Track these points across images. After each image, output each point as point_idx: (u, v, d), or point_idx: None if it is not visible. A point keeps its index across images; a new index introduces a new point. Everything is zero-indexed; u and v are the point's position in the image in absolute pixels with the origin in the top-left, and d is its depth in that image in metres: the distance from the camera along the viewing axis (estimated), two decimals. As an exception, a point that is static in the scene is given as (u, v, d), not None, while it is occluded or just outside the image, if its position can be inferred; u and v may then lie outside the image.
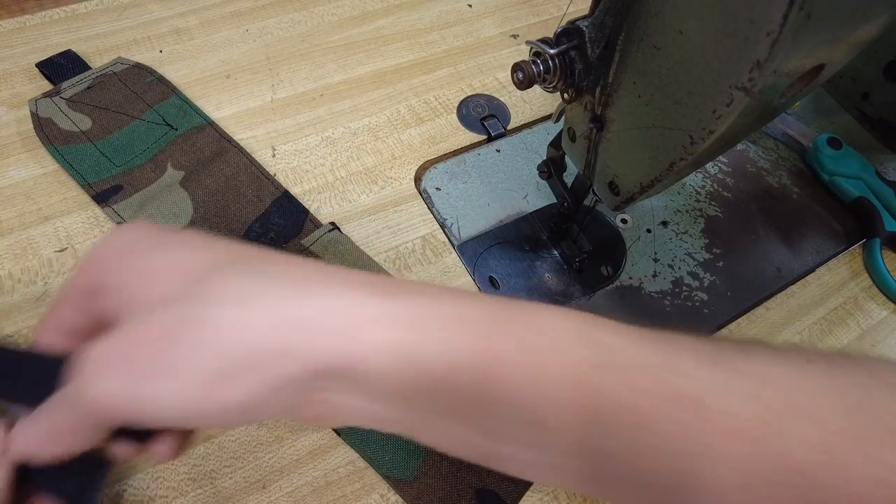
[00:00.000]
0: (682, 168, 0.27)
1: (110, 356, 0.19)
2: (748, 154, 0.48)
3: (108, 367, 0.19)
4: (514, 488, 0.31)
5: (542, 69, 0.28)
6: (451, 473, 0.31)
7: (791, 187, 0.46)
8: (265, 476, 0.31)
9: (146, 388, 0.18)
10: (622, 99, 0.28)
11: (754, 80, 0.21)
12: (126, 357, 0.19)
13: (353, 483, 0.32)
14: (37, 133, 0.40)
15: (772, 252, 0.43)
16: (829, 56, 0.23)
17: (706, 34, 0.22)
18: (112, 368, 0.19)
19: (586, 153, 0.32)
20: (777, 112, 0.27)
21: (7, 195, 0.39)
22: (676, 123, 0.26)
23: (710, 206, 0.44)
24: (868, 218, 0.44)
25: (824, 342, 0.40)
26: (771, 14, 0.19)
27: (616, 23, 0.25)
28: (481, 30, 0.54)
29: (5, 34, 0.47)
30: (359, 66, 0.50)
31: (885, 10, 0.22)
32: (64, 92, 0.42)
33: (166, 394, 0.18)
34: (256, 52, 0.49)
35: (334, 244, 0.38)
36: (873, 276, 0.43)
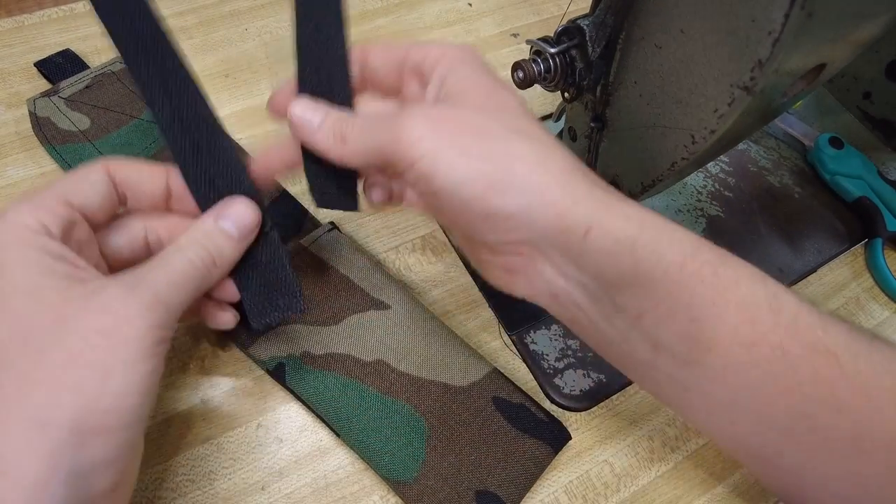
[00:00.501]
0: (683, 167, 0.27)
1: (439, 118, 0.23)
2: (749, 153, 0.48)
3: (431, 122, 0.23)
4: (514, 490, 0.31)
5: (542, 68, 0.28)
6: (451, 475, 0.31)
7: (793, 187, 0.46)
8: (264, 477, 0.31)
9: (447, 156, 0.22)
10: (623, 98, 0.28)
11: (756, 79, 0.21)
12: (448, 124, 0.23)
13: (352, 484, 0.32)
14: (35, 133, 0.40)
15: (773, 252, 0.42)
16: (830, 55, 0.23)
17: (708, 33, 0.22)
18: (434, 125, 0.23)
19: (587, 152, 0.32)
20: (778, 111, 0.27)
21: (5, 195, 0.39)
22: (678, 123, 0.25)
23: (712, 206, 0.44)
24: (870, 218, 0.44)
25: (826, 342, 0.40)
26: (772, 13, 0.19)
27: (617, 21, 0.25)
28: (481, 29, 0.54)
29: (4, 33, 0.47)
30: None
31: (886, 10, 0.22)
32: (62, 91, 0.42)
33: (458, 172, 0.22)
34: (256, 51, 0.49)
35: (334, 244, 0.38)
36: (875, 276, 0.43)
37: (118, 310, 0.22)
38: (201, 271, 0.26)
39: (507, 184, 0.22)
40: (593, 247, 0.22)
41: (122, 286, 0.23)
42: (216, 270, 0.26)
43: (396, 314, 0.35)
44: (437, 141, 0.22)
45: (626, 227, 0.22)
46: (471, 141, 0.22)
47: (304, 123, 0.26)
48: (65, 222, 0.24)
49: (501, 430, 0.32)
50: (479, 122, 0.23)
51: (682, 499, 0.33)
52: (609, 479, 0.33)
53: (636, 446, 0.35)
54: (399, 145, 0.23)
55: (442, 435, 0.32)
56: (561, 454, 0.34)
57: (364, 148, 0.25)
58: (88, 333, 0.22)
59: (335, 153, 0.26)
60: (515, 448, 0.32)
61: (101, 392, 0.21)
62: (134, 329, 0.22)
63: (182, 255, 0.25)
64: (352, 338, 0.34)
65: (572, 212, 0.22)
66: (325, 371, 0.33)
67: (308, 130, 0.26)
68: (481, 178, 0.22)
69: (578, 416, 0.35)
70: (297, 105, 0.27)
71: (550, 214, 0.22)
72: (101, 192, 0.26)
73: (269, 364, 0.33)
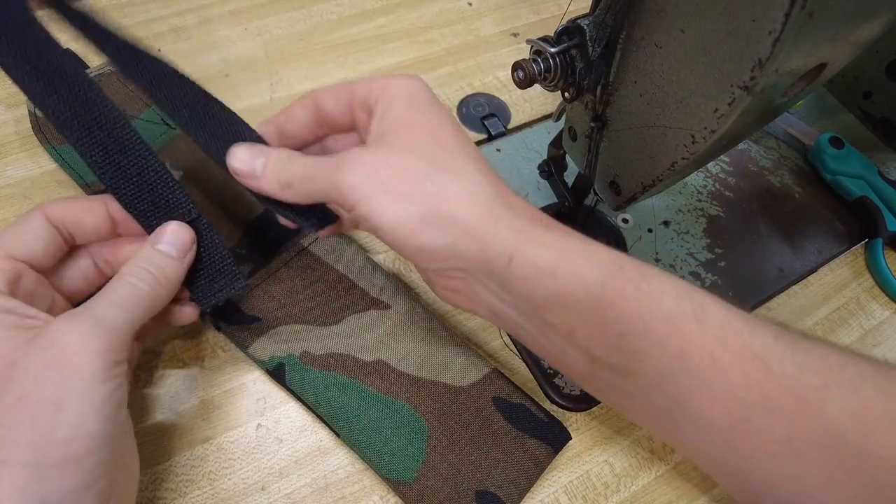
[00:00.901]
0: (683, 167, 0.27)
1: (374, 164, 0.25)
2: (750, 153, 0.48)
3: (367, 169, 0.25)
4: (514, 490, 0.31)
5: (542, 68, 0.28)
6: (450, 475, 0.31)
7: (793, 187, 0.46)
8: (264, 477, 0.31)
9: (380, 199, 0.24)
10: (623, 98, 0.28)
11: (756, 78, 0.21)
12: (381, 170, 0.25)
13: (352, 485, 0.32)
14: (35, 132, 0.40)
15: (774, 252, 0.42)
16: (830, 55, 0.23)
17: (708, 33, 0.22)
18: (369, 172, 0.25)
19: (587, 152, 0.32)
20: (779, 111, 0.27)
21: (5, 195, 0.39)
22: (678, 122, 0.25)
23: (712, 206, 0.44)
24: (870, 218, 0.44)
25: (826, 342, 0.40)
26: (773, 13, 0.19)
27: (617, 21, 0.25)
28: (481, 28, 0.54)
29: (3, 33, 0.46)
30: (358, 64, 0.49)
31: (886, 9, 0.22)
32: (62, 91, 0.42)
33: (389, 214, 0.24)
34: (255, 50, 0.49)
35: (334, 244, 0.37)
36: (875, 277, 0.43)
37: (62, 343, 0.23)
38: (147, 292, 0.27)
39: (432, 222, 0.24)
40: (517, 273, 0.24)
41: (64, 320, 0.24)
42: (162, 289, 0.27)
43: (396, 314, 0.35)
44: (371, 187, 0.24)
45: (545, 253, 0.24)
46: (400, 184, 0.24)
47: (248, 172, 0.28)
48: (10, 276, 0.26)
49: (501, 430, 0.32)
50: (408, 164, 0.25)
51: (681, 499, 0.33)
52: (609, 479, 0.33)
53: (636, 446, 0.35)
54: (339, 192, 0.25)
55: (442, 435, 0.32)
56: (561, 454, 0.34)
57: (309, 192, 0.27)
58: (37, 371, 0.22)
59: (283, 197, 0.28)
60: (515, 448, 0.32)
61: (54, 424, 0.22)
62: (81, 357, 0.23)
63: (124, 279, 0.27)
64: (352, 337, 0.34)
65: (494, 243, 0.24)
66: (325, 371, 0.33)
67: (253, 178, 0.28)
68: (410, 219, 0.24)
69: (578, 416, 0.35)
70: (236, 156, 0.28)
71: (474, 248, 0.24)
72: (43, 239, 0.27)
73: (269, 364, 0.33)
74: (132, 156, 0.29)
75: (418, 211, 0.24)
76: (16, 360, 0.23)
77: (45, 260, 0.28)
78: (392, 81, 0.27)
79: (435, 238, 0.24)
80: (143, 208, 0.29)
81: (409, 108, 0.27)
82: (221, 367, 0.34)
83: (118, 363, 0.24)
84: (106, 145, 0.28)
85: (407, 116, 0.26)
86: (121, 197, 0.29)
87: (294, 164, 0.27)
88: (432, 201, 0.24)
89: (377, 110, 0.27)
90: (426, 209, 0.24)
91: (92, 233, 0.29)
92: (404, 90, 0.27)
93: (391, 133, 0.26)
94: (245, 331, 0.34)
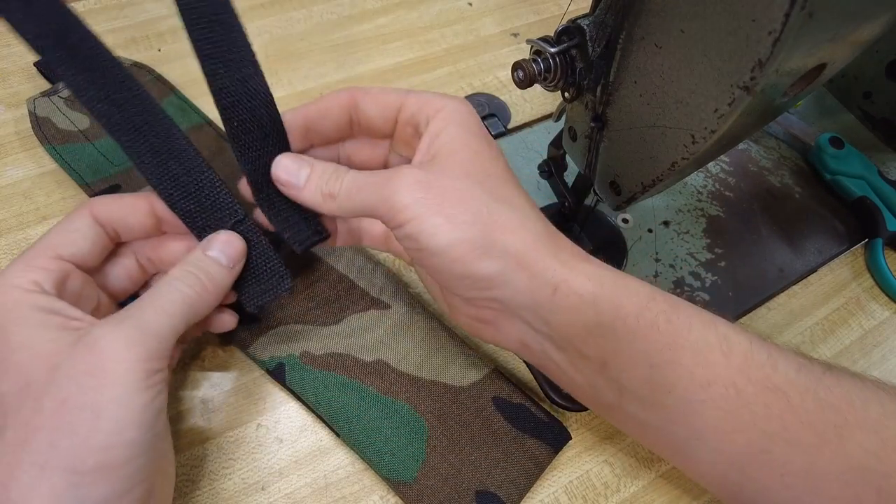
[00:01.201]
0: (683, 167, 0.27)
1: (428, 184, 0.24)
2: (750, 153, 0.48)
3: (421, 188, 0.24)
4: (514, 490, 0.31)
5: (542, 68, 0.28)
6: (450, 475, 0.31)
7: (793, 187, 0.46)
8: (264, 477, 0.31)
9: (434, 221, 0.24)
10: (623, 98, 0.28)
11: (756, 79, 0.21)
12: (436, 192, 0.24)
13: (352, 485, 0.32)
14: (35, 132, 0.40)
15: (774, 252, 0.42)
16: (830, 55, 0.23)
17: (708, 33, 0.22)
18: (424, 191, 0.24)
19: (587, 152, 0.32)
20: (779, 111, 0.27)
21: (5, 195, 0.39)
22: (678, 122, 0.25)
23: (712, 206, 0.44)
24: (870, 218, 0.44)
25: (826, 342, 0.40)
26: (773, 13, 0.19)
27: (617, 21, 0.25)
28: (481, 28, 0.54)
29: (3, 33, 0.46)
30: (358, 64, 0.49)
31: (886, 9, 0.22)
32: (62, 91, 0.42)
33: (442, 237, 0.24)
34: (255, 50, 0.49)
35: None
36: (875, 277, 0.43)
37: (103, 348, 0.23)
38: (193, 298, 0.26)
39: (485, 249, 0.24)
40: (560, 304, 0.24)
41: (107, 324, 0.24)
42: (209, 296, 0.27)
43: (396, 314, 0.35)
44: (425, 207, 0.24)
45: (587, 284, 0.24)
46: (456, 208, 0.24)
47: (291, 183, 0.28)
48: (57, 276, 0.26)
49: (501, 430, 0.32)
50: (464, 189, 0.25)
51: (681, 499, 0.33)
52: (609, 479, 0.33)
53: (636, 446, 0.35)
54: (389, 209, 0.25)
55: (442, 435, 0.32)
56: (561, 454, 0.34)
57: (353, 206, 0.26)
58: (78, 375, 0.23)
59: (323, 209, 0.27)
60: (515, 448, 0.32)
61: (93, 431, 0.22)
62: (121, 364, 0.23)
63: (170, 284, 0.26)
64: (352, 337, 0.34)
65: (542, 274, 0.24)
66: (325, 371, 0.33)
67: (295, 189, 0.28)
68: (462, 244, 0.24)
69: (578, 416, 0.35)
70: (280, 164, 0.28)
71: (522, 278, 0.24)
72: (89, 237, 0.27)
73: (269, 364, 0.33)
74: (181, 159, 0.28)
75: (472, 237, 0.24)
76: (59, 363, 0.23)
77: (92, 259, 0.28)
78: (447, 103, 0.27)
79: (486, 266, 0.24)
80: (189, 209, 0.29)
81: (464, 133, 0.26)
82: (221, 367, 0.34)
83: (159, 370, 0.24)
84: (155, 147, 0.28)
85: (461, 141, 0.26)
86: (168, 199, 0.29)
87: (340, 176, 0.27)
88: (487, 229, 0.24)
89: (430, 130, 0.27)
90: (480, 236, 0.24)
91: (137, 230, 0.29)
92: (459, 115, 0.27)
93: (445, 156, 0.26)
94: (245, 331, 0.34)
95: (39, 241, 0.27)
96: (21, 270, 0.25)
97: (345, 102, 0.29)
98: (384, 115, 0.29)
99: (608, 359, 0.25)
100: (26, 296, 0.24)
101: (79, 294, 0.27)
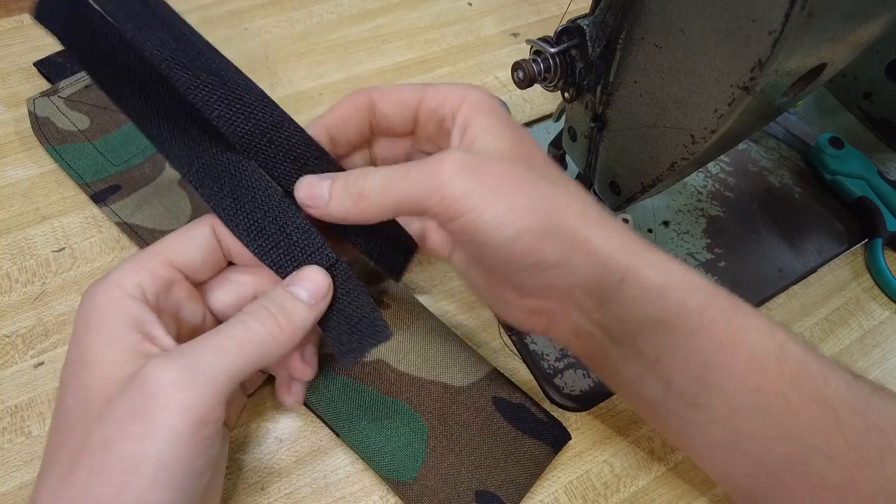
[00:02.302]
0: (683, 167, 0.27)
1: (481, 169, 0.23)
2: (750, 153, 0.48)
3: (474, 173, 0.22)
4: (514, 490, 0.31)
5: (542, 68, 0.28)
6: (451, 475, 0.31)
7: (793, 187, 0.46)
8: (264, 477, 0.31)
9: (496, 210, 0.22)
10: (623, 98, 0.28)
11: (756, 79, 0.21)
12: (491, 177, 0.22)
13: (352, 485, 0.32)
14: (34, 132, 0.40)
15: (774, 252, 0.42)
16: (830, 55, 0.23)
17: (708, 33, 0.22)
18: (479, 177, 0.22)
19: (587, 152, 0.32)
20: (779, 111, 0.27)
21: (5, 195, 0.39)
22: (678, 122, 0.25)
23: (712, 206, 0.44)
24: (870, 218, 0.44)
25: (826, 343, 0.40)
26: (773, 13, 0.19)
27: (617, 21, 0.25)
28: (481, 28, 0.54)
29: (3, 33, 0.47)
30: (358, 64, 0.49)
31: (886, 10, 0.22)
32: (62, 91, 0.42)
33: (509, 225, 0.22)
34: (255, 50, 0.49)
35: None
36: (875, 277, 0.43)
37: (151, 390, 0.21)
38: (263, 337, 0.24)
39: (553, 235, 0.22)
40: (626, 295, 0.23)
41: (160, 361, 0.22)
42: (284, 336, 0.24)
43: (396, 313, 0.35)
44: (482, 196, 0.22)
45: (654, 275, 0.23)
46: (514, 194, 0.22)
47: (315, 198, 0.25)
48: (163, 283, 0.25)
49: (501, 430, 0.32)
50: (516, 172, 0.23)
51: (681, 499, 0.33)
52: (609, 479, 0.33)
53: (636, 446, 0.35)
54: (440, 199, 0.22)
55: (442, 435, 0.32)
56: (561, 454, 0.34)
57: (391, 202, 0.24)
58: (124, 418, 0.21)
59: (355, 213, 0.25)
60: (515, 448, 0.32)
61: (127, 486, 0.21)
62: (166, 412, 0.21)
63: (240, 318, 0.24)
64: (351, 338, 0.34)
65: (611, 261, 0.23)
66: (324, 371, 0.33)
67: (321, 204, 0.25)
68: (529, 232, 0.22)
69: (578, 416, 0.35)
70: (301, 185, 0.26)
71: (589, 264, 0.23)
72: (204, 250, 0.26)
73: (269, 364, 0.33)
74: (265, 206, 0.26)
75: (538, 224, 0.22)
76: (112, 396, 0.21)
77: (203, 272, 0.27)
78: (469, 92, 0.26)
79: (552, 252, 0.22)
80: (277, 258, 0.26)
81: (496, 121, 0.25)
82: (221, 367, 0.34)
83: (211, 422, 0.22)
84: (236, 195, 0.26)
85: (496, 128, 0.25)
86: (255, 249, 0.26)
87: (370, 174, 0.24)
88: (551, 213, 0.22)
89: (458, 121, 0.26)
90: (547, 222, 0.22)
91: (249, 257, 0.27)
92: (486, 104, 0.26)
93: (486, 141, 0.24)
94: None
95: (156, 244, 0.26)
96: (130, 271, 0.24)
97: (362, 105, 0.28)
98: (402, 114, 0.27)
99: (664, 354, 0.24)
100: (122, 300, 0.23)
101: (180, 306, 0.26)
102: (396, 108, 0.27)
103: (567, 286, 0.24)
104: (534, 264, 0.23)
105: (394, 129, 0.28)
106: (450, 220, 0.23)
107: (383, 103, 0.27)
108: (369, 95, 0.28)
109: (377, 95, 0.27)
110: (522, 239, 0.22)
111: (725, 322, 0.24)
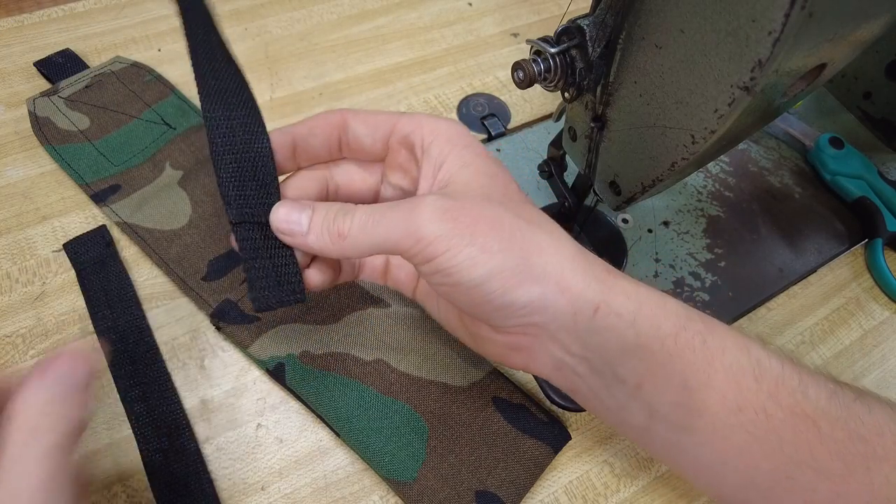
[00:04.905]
0: (683, 168, 0.27)
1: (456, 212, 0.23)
2: (750, 153, 0.48)
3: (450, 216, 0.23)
4: (514, 490, 0.31)
5: (542, 68, 0.28)
6: (450, 475, 0.31)
7: (793, 187, 0.46)
8: (264, 477, 0.31)
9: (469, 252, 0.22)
10: (623, 98, 0.28)
11: (756, 79, 0.21)
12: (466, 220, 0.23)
13: (352, 485, 0.32)
14: (35, 132, 0.40)
15: (774, 252, 0.42)
16: (830, 55, 0.23)
17: (708, 33, 0.22)
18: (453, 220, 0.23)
19: (587, 152, 0.32)
20: (779, 111, 0.27)
21: (5, 195, 0.39)
22: (678, 123, 0.25)
23: (712, 206, 0.44)
24: (870, 218, 0.44)
25: (826, 343, 0.40)
26: (773, 13, 0.19)
27: (617, 21, 0.25)
28: (481, 28, 0.54)
29: (3, 33, 0.47)
30: (358, 64, 0.49)
31: (886, 9, 0.22)
32: (62, 91, 0.42)
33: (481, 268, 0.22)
34: (255, 50, 0.49)
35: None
36: (875, 277, 0.43)
37: None
38: None
39: (525, 275, 0.23)
40: (600, 324, 0.23)
41: None
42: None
43: (396, 312, 0.35)
44: (456, 238, 0.22)
45: (627, 302, 0.24)
46: (490, 236, 0.23)
47: (293, 225, 0.26)
48: None
49: (501, 430, 0.32)
50: (492, 214, 0.23)
51: (681, 499, 0.33)
52: (609, 479, 0.33)
53: (636, 447, 0.35)
54: (415, 242, 0.23)
55: (442, 435, 0.32)
56: (561, 454, 0.34)
57: (369, 243, 0.24)
58: None
59: (333, 251, 0.25)
60: (515, 448, 0.32)
61: None
62: None
63: None
64: (351, 335, 0.34)
65: (583, 294, 0.23)
66: (324, 371, 0.33)
67: (299, 235, 0.26)
68: (502, 273, 0.22)
69: (578, 416, 0.35)
70: (277, 214, 0.26)
71: (563, 300, 0.23)
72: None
73: (269, 364, 0.33)
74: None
75: (512, 265, 0.23)
76: None
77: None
78: (442, 125, 0.26)
79: (526, 292, 0.23)
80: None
81: (472, 157, 0.25)
82: (221, 367, 0.34)
83: None
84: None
85: (473, 166, 0.25)
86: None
87: (350, 212, 0.25)
88: (524, 254, 0.23)
89: (431, 155, 0.26)
90: (519, 262, 0.23)
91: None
92: (460, 138, 0.26)
93: (460, 180, 0.25)
94: (245, 331, 0.34)
95: None
96: None
97: (334, 122, 0.28)
98: (374, 136, 0.28)
99: (644, 380, 0.24)
100: None
101: None
102: (369, 129, 0.28)
103: (543, 322, 0.24)
104: (508, 304, 0.23)
105: (364, 151, 0.28)
106: (424, 262, 0.23)
107: (357, 123, 0.28)
108: (343, 114, 0.28)
109: (351, 115, 0.28)
110: (495, 280, 0.22)
111: (700, 343, 0.24)
